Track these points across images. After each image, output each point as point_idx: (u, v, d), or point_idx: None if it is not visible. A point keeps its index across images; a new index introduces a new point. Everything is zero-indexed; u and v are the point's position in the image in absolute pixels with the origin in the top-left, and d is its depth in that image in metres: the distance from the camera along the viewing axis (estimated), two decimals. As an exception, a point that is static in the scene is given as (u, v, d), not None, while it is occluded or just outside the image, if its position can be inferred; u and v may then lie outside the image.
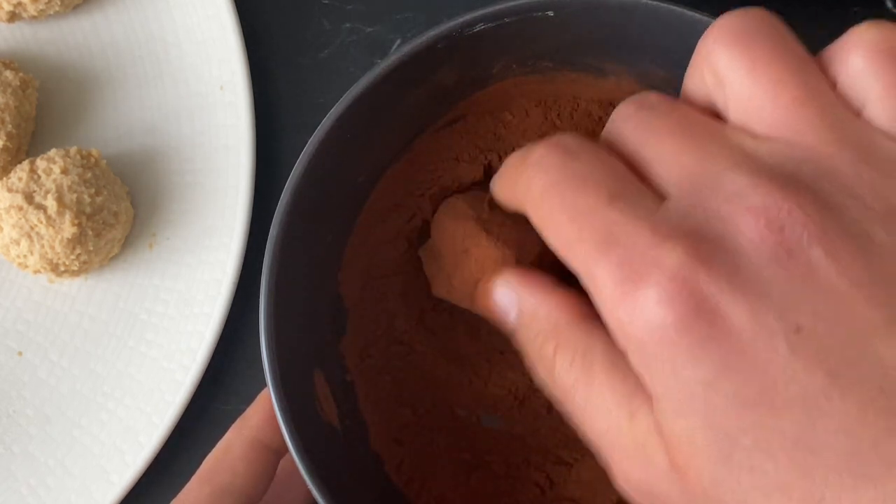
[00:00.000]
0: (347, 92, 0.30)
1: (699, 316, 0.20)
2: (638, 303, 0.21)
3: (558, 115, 0.33)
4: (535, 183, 0.24)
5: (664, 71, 0.31)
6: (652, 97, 0.25)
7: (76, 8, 0.43)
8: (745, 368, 0.20)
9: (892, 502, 0.19)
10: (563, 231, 0.23)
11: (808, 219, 0.20)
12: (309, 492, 0.28)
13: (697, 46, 0.24)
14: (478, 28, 0.30)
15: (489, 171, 0.33)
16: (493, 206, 0.28)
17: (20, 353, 0.41)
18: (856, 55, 0.22)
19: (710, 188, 0.22)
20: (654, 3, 0.29)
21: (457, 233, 0.29)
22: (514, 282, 0.27)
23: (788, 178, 0.21)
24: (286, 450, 0.29)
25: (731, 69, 0.23)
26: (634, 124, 0.24)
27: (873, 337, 0.20)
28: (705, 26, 0.25)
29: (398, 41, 0.43)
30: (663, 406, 0.21)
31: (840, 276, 0.20)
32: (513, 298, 0.26)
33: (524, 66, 0.32)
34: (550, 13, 0.30)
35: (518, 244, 0.29)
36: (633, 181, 0.23)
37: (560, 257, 0.23)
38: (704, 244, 0.21)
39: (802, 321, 0.20)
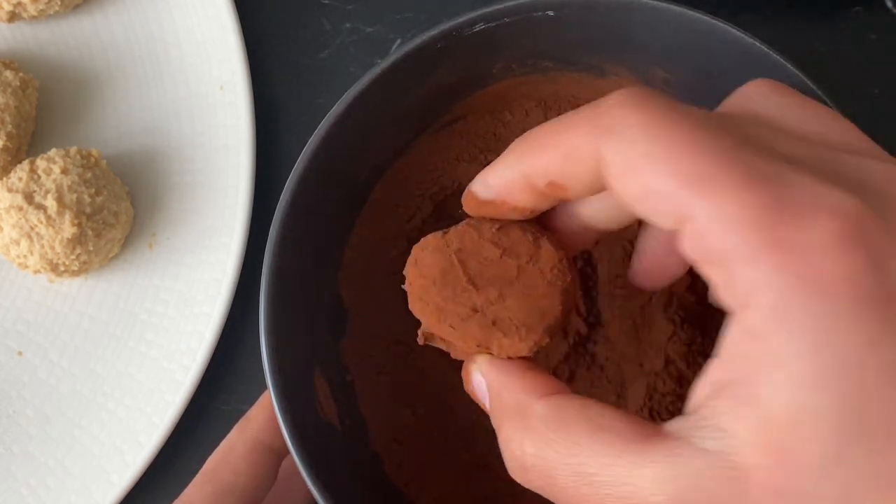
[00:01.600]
0: (347, 92, 0.30)
1: (870, 269, 0.18)
2: (798, 246, 0.18)
3: (558, 115, 0.33)
4: (630, 117, 0.20)
5: (664, 71, 0.31)
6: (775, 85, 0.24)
7: (76, 8, 0.43)
8: None
9: None
10: (683, 162, 0.19)
11: None
12: (310, 492, 0.28)
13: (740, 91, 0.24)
14: (478, 28, 0.30)
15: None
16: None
17: (20, 353, 0.41)
18: None
19: (853, 153, 0.20)
20: (655, 2, 0.29)
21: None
22: (483, 368, 0.25)
23: None
24: (288, 451, 0.29)
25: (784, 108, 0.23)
26: (762, 102, 0.23)
27: None
28: (705, 26, 0.25)
29: (398, 41, 0.43)
30: (791, 375, 0.18)
31: None
32: (482, 383, 0.25)
33: (524, 66, 0.32)
34: (550, 13, 0.30)
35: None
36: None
37: (659, 202, 0.20)
38: (871, 195, 0.19)
39: None
